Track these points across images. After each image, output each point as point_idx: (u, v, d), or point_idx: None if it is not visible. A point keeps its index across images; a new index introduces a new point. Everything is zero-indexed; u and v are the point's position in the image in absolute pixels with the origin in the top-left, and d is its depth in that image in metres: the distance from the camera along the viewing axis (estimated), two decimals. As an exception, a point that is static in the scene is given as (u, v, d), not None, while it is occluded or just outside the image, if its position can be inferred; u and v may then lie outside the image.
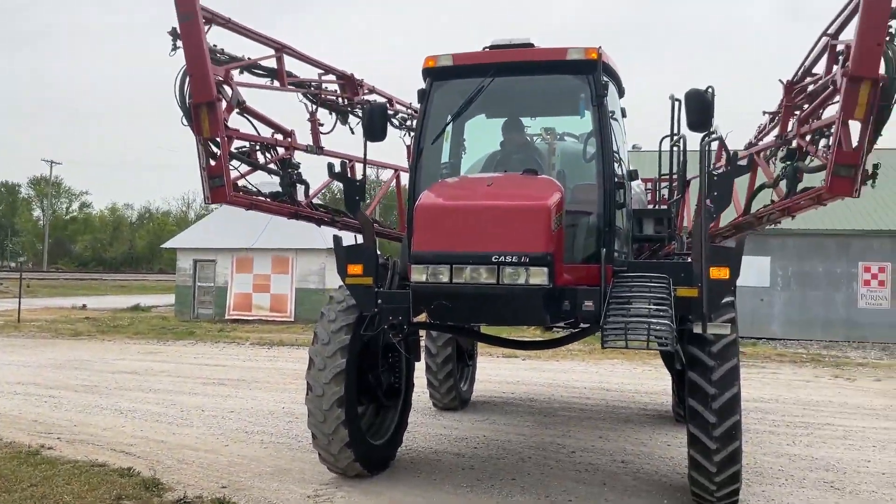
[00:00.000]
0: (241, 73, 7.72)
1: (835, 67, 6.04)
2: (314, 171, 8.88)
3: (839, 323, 22.82)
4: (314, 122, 8.75)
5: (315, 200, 8.77)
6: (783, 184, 7.00)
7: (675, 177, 7.93)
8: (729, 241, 8.52)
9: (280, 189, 8.11)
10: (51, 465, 7.88)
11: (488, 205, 6.10)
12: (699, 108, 6.25)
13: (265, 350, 19.76)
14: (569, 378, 14.92)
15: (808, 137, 6.65)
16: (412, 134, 9.39)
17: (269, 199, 7.95)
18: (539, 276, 5.76)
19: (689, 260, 6.52)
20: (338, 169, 7.33)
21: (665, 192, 9.64)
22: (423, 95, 7.31)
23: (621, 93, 7.79)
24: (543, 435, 9.73)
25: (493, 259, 5.80)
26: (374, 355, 7.77)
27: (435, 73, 7.26)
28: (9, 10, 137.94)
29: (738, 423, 6.34)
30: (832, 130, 5.93)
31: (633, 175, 7.67)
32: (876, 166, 5.90)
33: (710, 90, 6.28)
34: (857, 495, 7.30)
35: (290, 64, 8.37)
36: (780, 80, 7.67)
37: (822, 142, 6.36)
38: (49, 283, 54.53)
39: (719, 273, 6.11)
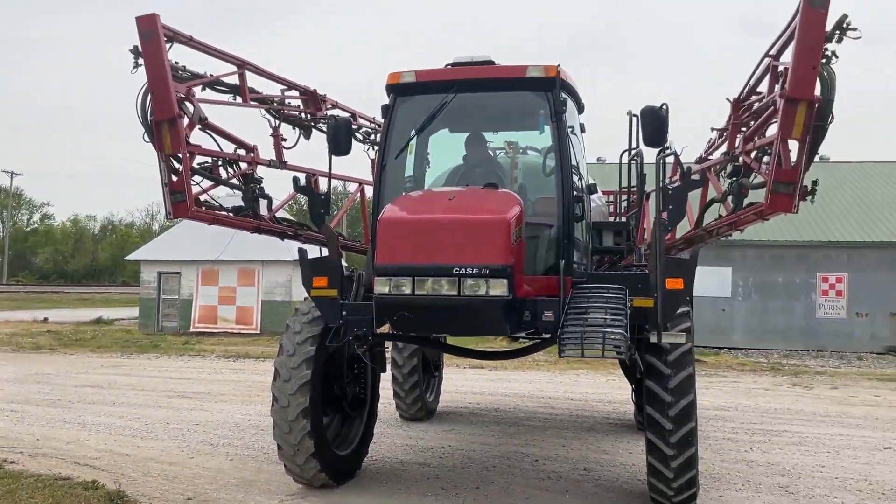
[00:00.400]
0: (204, 89, 7.79)
1: (777, 87, 6.27)
2: (278, 184, 8.99)
3: (798, 332, 23.30)
4: (277, 138, 8.85)
5: (281, 214, 8.88)
6: (730, 199, 7.22)
7: (634, 190, 8.16)
8: (684, 253, 8.74)
9: (242, 203, 8.20)
10: (14, 480, 7.83)
11: (449, 218, 6.23)
12: (654, 124, 6.46)
13: (230, 363, 19.68)
14: (534, 388, 15.08)
15: (752, 154, 6.89)
16: (376, 148, 9.51)
17: (230, 214, 8.04)
18: (499, 288, 5.91)
19: (646, 271, 6.71)
20: (303, 182, 7.43)
21: (626, 204, 9.87)
22: (386, 111, 7.44)
23: (580, 108, 7.99)
24: (508, 444, 9.86)
25: (454, 271, 5.93)
26: (340, 366, 7.85)
27: (398, 89, 7.39)
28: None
29: (693, 429, 6.52)
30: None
31: (592, 188, 7.86)
32: (815, 182, 6.13)
33: (664, 107, 6.49)
34: (810, 499, 7.52)
35: (253, 80, 8.47)
36: (727, 99, 7.94)
37: (766, 159, 6.60)
38: (9, 297, 53.55)
39: (674, 284, 6.30)
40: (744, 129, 7.48)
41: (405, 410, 11.34)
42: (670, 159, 6.92)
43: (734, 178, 7.06)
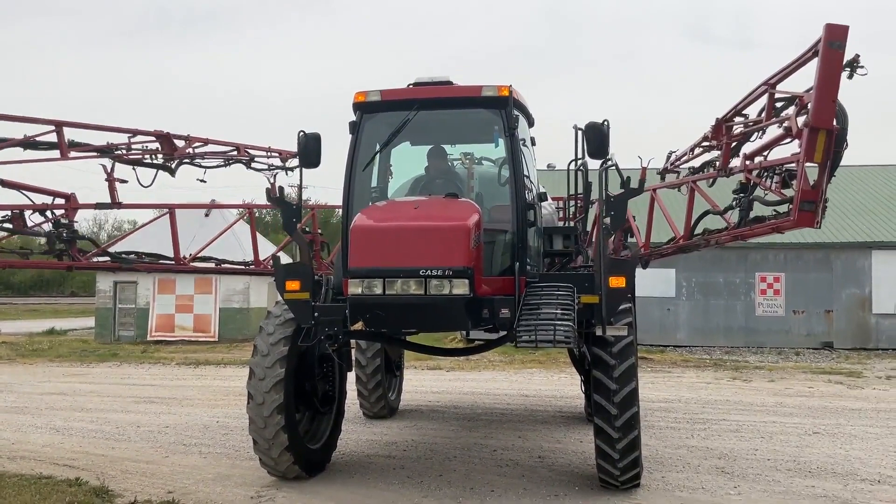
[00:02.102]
0: (25, 149, 9.28)
1: (788, 112, 7.12)
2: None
3: (739, 330, 24.42)
4: (111, 181, 10.07)
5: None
6: (732, 212, 8.12)
7: (581, 197, 8.88)
8: (624, 253, 9.51)
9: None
10: (-3, 479, 8.20)
11: (415, 225, 6.86)
12: (597, 138, 7.20)
13: (191, 369, 19.96)
14: (490, 386, 15.75)
15: (754, 172, 7.75)
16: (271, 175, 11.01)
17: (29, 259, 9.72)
18: (461, 287, 6.55)
19: (592, 271, 7.41)
20: (276, 194, 7.97)
21: (573, 210, 10.58)
22: (353, 127, 8.02)
23: (531, 123, 8.67)
24: (468, 437, 10.48)
25: (420, 273, 6.56)
26: (310, 366, 8.37)
27: (364, 107, 7.98)
28: None
29: (636, 414, 7.21)
30: (784, 168, 7.16)
31: (542, 197, 8.55)
32: (825, 201, 6.95)
33: (605, 123, 7.23)
34: (744, 478, 8.27)
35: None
36: (716, 118, 8.91)
37: (775, 178, 7.45)
38: (-45, 309, 52.52)
39: (617, 282, 7.01)
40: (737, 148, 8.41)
41: (369, 409, 11.89)
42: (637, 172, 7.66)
43: (741, 194, 7.87)
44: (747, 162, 7.99)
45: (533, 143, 8.72)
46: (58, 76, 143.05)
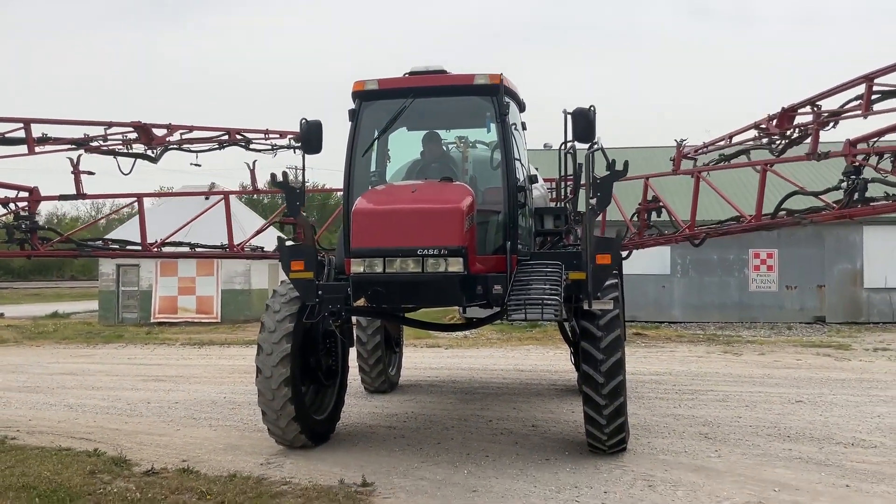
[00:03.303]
0: None
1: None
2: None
3: (733, 305, 24.89)
4: (77, 173, 10.78)
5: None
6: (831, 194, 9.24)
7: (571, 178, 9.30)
8: (609, 232, 10.00)
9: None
10: (20, 451, 8.68)
11: (413, 208, 7.31)
12: (584, 123, 7.62)
13: (196, 349, 20.43)
14: (487, 362, 16.24)
15: (859, 157, 8.59)
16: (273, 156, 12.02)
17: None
18: (456, 265, 7.01)
19: (580, 249, 7.85)
20: (280, 179, 8.38)
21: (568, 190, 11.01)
22: (353, 114, 8.42)
23: (521, 108, 9.07)
24: (464, 409, 10.97)
25: (418, 252, 7.02)
26: (314, 342, 8.83)
27: (363, 95, 8.38)
28: None
29: (622, 382, 7.68)
30: None
31: (533, 179, 8.96)
32: None
33: (592, 108, 7.65)
34: (725, 443, 8.75)
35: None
36: (782, 108, 10.05)
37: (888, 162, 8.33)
38: (-43, 294, 53.01)
39: (603, 259, 7.45)
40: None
41: (370, 384, 12.37)
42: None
43: (854, 176, 8.54)
44: (860, 146, 8.73)
45: (524, 128, 9.13)
46: (53, 60, 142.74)
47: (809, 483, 7.16)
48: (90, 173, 11.00)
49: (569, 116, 8.36)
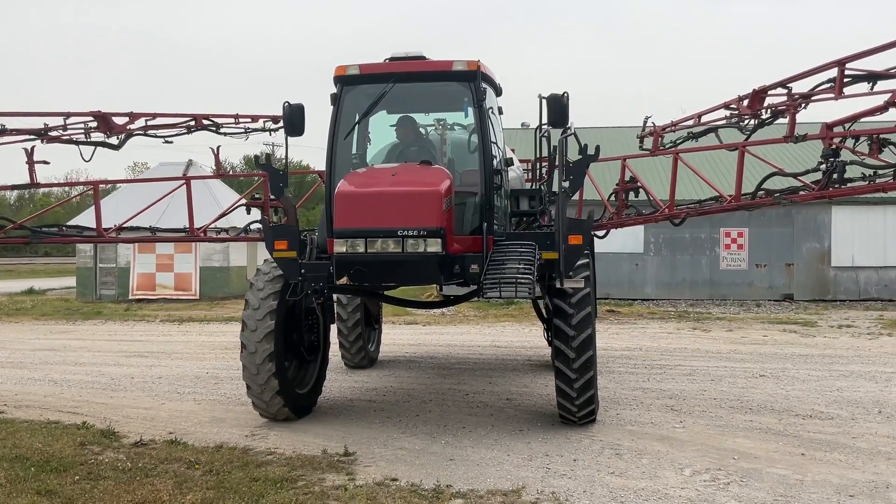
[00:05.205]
0: None
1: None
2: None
3: (704, 283, 25.45)
4: (30, 163, 10.94)
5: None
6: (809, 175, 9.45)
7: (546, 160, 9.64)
8: (583, 215, 10.34)
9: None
10: (10, 424, 8.92)
11: (393, 191, 7.60)
12: (557, 109, 7.94)
13: (176, 326, 20.61)
14: (464, 339, 16.62)
15: (836, 140, 8.82)
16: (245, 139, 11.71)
17: None
18: (434, 246, 7.32)
19: (553, 230, 8.20)
20: (263, 161, 8.63)
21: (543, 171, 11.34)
22: (335, 99, 8.66)
23: (498, 93, 9.36)
24: (442, 383, 11.34)
25: (398, 233, 7.32)
26: (297, 318, 9.13)
27: (345, 80, 8.62)
28: None
29: (592, 357, 8.06)
30: (878, 137, 8.25)
31: (509, 162, 9.29)
32: None
33: (565, 94, 7.96)
34: (690, 414, 9.20)
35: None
36: (753, 89, 10.15)
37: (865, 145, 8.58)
38: (-70, 270, 52.51)
39: (575, 240, 7.81)
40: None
41: (350, 360, 12.70)
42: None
43: (832, 159, 8.74)
44: (836, 129, 9.00)
45: (501, 113, 9.42)
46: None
47: (767, 451, 7.60)
48: (45, 163, 11.11)
49: (544, 101, 8.69)
